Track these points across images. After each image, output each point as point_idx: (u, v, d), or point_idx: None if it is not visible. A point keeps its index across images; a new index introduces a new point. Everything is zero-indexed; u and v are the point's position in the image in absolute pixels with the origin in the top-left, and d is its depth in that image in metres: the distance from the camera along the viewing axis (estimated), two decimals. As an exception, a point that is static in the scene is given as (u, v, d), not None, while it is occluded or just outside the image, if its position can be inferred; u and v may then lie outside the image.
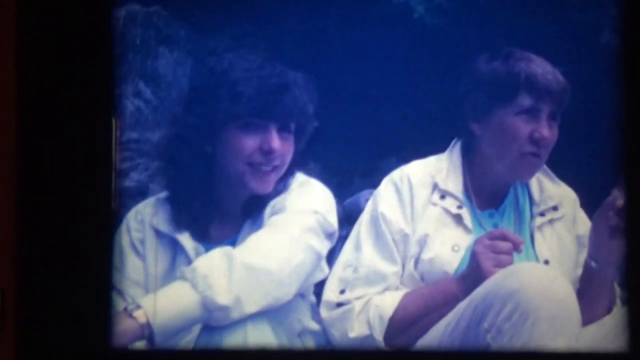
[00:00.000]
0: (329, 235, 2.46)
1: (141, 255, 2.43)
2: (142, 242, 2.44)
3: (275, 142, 2.39)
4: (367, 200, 2.56)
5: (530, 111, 2.48)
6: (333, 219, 2.45)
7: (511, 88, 2.48)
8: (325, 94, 2.48)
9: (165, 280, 2.40)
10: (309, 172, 2.51)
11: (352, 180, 2.54)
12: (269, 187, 2.42)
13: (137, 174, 2.70)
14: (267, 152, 2.40)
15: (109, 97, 2.28)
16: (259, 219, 2.44)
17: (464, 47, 2.56)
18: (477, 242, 2.44)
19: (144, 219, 2.45)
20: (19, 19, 2.24)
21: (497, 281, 2.36)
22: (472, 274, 2.42)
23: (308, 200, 2.44)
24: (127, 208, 2.63)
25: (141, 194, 2.68)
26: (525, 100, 2.48)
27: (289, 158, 2.43)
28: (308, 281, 2.44)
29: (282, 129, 2.41)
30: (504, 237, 2.42)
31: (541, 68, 2.48)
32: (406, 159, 2.55)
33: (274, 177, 2.43)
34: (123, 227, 2.45)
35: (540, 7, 2.57)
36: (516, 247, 2.43)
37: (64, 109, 2.26)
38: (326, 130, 2.46)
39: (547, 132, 2.48)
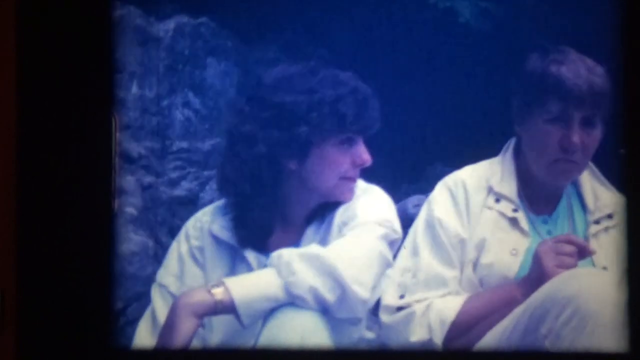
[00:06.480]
0: (393, 243, 2.48)
1: (200, 264, 2.45)
2: (201, 250, 2.45)
3: (366, 155, 2.44)
4: (415, 206, 2.55)
5: (559, 118, 2.43)
6: (399, 227, 2.48)
7: (542, 93, 2.43)
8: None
9: None
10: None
11: (399, 187, 2.54)
12: (353, 196, 2.47)
13: (187, 183, 2.73)
14: (360, 165, 2.45)
15: (109, 96, 2.26)
16: (323, 226, 2.47)
17: (511, 50, 2.55)
18: (541, 243, 2.41)
19: (202, 227, 2.46)
20: (19, 18, 2.23)
21: (555, 285, 2.33)
22: (534, 274, 2.39)
23: (377, 208, 2.46)
24: (179, 217, 2.66)
25: (192, 202, 2.71)
26: (554, 106, 2.43)
27: None
28: (376, 289, 2.46)
29: (366, 141, 2.45)
30: (569, 241, 2.39)
31: (573, 72, 2.43)
32: (452, 164, 2.53)
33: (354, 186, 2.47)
34: (182, 235, 2.47)
35: (587, 4, 2.54)
36: (582, 254, 2.40)
37: (64, 109, 2.25)
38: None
39: (577, 138, 2.42)
